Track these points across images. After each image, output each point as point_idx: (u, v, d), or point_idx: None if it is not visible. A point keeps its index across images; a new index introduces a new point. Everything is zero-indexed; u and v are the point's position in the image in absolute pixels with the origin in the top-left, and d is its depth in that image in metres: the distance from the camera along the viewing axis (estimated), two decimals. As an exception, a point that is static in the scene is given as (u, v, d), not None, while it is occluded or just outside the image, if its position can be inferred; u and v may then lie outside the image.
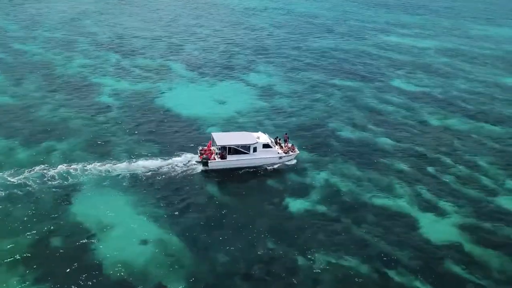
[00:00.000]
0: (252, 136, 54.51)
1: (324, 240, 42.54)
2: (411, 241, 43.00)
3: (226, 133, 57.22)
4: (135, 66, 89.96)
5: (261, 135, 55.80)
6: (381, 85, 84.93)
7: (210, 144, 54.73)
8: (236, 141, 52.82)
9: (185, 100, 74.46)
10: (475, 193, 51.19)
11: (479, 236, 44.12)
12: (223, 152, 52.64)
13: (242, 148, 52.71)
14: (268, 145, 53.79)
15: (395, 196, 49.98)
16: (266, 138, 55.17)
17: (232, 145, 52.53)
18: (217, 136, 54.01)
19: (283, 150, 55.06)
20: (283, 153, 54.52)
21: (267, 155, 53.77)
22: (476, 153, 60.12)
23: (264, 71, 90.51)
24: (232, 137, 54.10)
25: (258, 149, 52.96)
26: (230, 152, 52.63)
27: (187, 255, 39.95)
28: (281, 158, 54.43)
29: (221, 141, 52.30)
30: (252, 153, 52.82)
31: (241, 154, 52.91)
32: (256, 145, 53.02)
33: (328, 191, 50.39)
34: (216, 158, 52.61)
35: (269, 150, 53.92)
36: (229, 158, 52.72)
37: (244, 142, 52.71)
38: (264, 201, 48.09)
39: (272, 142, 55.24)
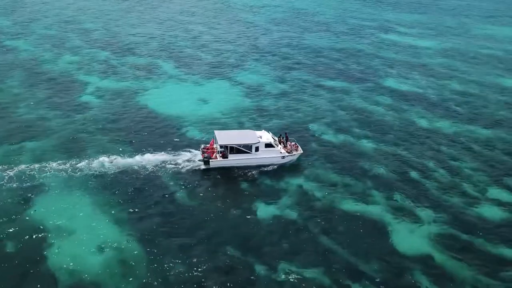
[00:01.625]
0: (255, 135, 53.39)
1: (288, 249, 40.89)
2: (380, 252, 41.15)
3: (228, 131, 56.07)
4: (123, 63, 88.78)
5: (264, 133, 54.69)
6: (372, 86, 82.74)
7: (213, 142, 53.79)
8: (238, 140, 52.08)
9: (168, 99, 73.12)
10: (455, 201, 49.08)
11: (453, 247, 42.11)
12: (224, 151, 51.79)
13: (244, 148, 51.80)
14: (270, 145, 52.79)
15: (370, 202, 48.09)
16: (269, 137, 54.10)
17: (234, 145, 51.63)
18: (219, 135, 53.03)
19: (286, 149, 53.73)
20: (286, 153, 53.38)
21: (269, 154, 52.78)
22: (461, 158, 57.87)
23: (254, 70, 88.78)
24: (234, 136, 53.31)
25: (260, 149, 52.18)
26: (232, 151, 51.76)
27: (143, 262, 38.62)
28: (284, 158, 53.36)
29: (223, 140, 51.63)
30: (254, 152, 52.05)
31: (243, 154, 52.05)
32: (258, 145, 52.12)
33: (301, 196, 48.70)
34: (217, 157, 51.81)
35: (272, 149, 52.92)
36: (230, 157, 51.94)
37: (246, 141, 51.88)
38: (233, 205, 46.54)
39: (275, 141, 54.10)
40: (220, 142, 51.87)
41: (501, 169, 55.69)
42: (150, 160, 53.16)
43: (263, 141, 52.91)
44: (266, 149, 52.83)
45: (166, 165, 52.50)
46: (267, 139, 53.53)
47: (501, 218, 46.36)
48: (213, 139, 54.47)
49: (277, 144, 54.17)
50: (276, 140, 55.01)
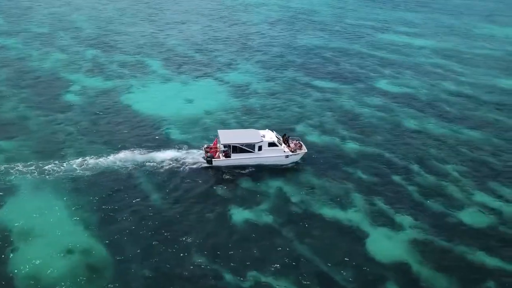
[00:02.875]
0: (258, 134, 52.70)
1: (259, 256, 39.58)
2: (355, 259, 39.73)
3: (232, 131, 55.61)
4: (111, 62, 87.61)
5: (267, 133, 53.94)
6: (362, 86, 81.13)
7: (216, 141, 53.25)
8: (241, 139, 51.57)
9: (153, 98, 71.90)
10: (438, 206, 47.56)
11: (431, 255, 40.66)
12: (227, 151, 51.20)
13: (247, 147, 51.23)
14: (274, 144, 52.02)
15: (349, 207, 46.66)
16: (273, 136, 53.24)
17: (237, 144, 50.94)
18: (222, 134, 52.48)
19: (290, 148, 52.84)
20: (289, 152, 52.50)
21: (272, 154, 52.22)
22: (448, 161, 56.27)
23: (244, 69, 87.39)
24: (237, 135, 52.85)
25: (263, 148, 51.63)
26: (236, 151, 51.21)
27: (109, 267, 37.59)
28: (288, 157, 52.57)
29: (225, 139, 51.24)
30: (257, 151, 51.53)
31: (246, 153, 51.52)
32: (261, 144, 51.45)
33: (279, 200, 47.34)
34: (220, 156, 51.33)
35: (275, 149, 52.21)
36: (233, 156, 51.45)
37: (249, 140, 51.30)
38: (209, 209, 45.27)
39: (279, 140, 53.20)
40: (222, 141, 51.34)
41: (488, 172, 54.09)
42: (128, 161, 52.08)
43: (266, 140, 52.19)
44: (269, 148, 52.18)
45: (144, 166, 51.37)
46: (270, 138, 52.74)
47: (483, 224, 44.86)
48: (216, 138, 53.78)
49: (280, 143, 53.23)
50: (280, 139, 54.07)
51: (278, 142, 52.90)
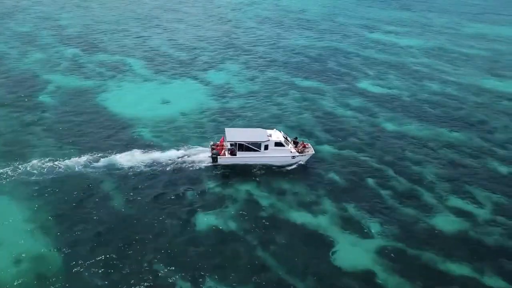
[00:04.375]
0: (265, 134, 52.23)
1: (219, 264, 38.23)
2: (319, 267, 38.38)
3: (238, 129, 55.25)
4: (90, 61, 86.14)
5: (274, 132, 53.33)
6: (346, 87, 79.74)
7: (223, 139, 52.76)
8: (248, 137, 51.29)
9: (130, 99, 70.54)
10: (410, 211, 46.18)
11: (399, 263, 39.30)
12: (233, 149, 50.74)
13: (253, 145, 50.71)
14: (280, 144, 51.40)
15: (319, 212, 45.28)
16: (280, 136, 52.65)
17: (242, 142, 50.56)
18: (229, 132, 52.22)
19: (297, 149, 52.21)
20: (296, 153, 51.74)
21: (279, 154, 51.68)
22: (425, 164, 54.91)
23: (226, 69, 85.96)
24: (244, 133, 52.50)
25: (269, 147, 51.14)
26: (241, 149, 50.80)
27: (62, 275, 36.23)
28: (294, 157, 51.98)
29: (231, 137, 51.07)
30: (263, 151, 51.06)
31: (252, 152, 51.13)
32: (267, 143, 51.01)
33: (246, 205, 45.98)
34: (226, 154, 50.94)
35: (282, 148, 51.58)
36: (239, 154, 51.11)
37: (255, 139, 50.96)
38: (172, 214, 43.85)
39: (286, 140, 52.64)
40: (228, 139, 50.99)
41: (465, 176, 52.76)
42: (95, 163, 50.75)
43: (273, 139, 51.53)
44: (275, 147, 51.52)
45: (111, 169, 49.96)
46: (277, 137, 52.10)
47: (454, 230, 43.51)
48: (223, 136, 53.19)
49: (287, 143, 52.37)
50: (288, 139, 53.42)
51: (285, 142, 52.12)
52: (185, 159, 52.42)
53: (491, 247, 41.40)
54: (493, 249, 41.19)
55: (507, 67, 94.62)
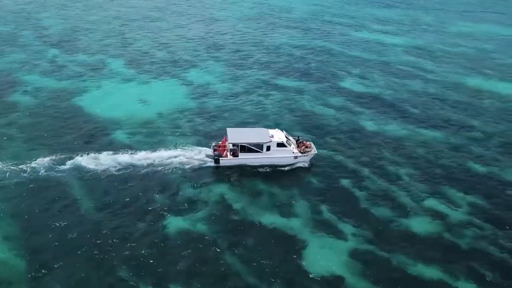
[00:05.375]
0: (267, 134, 51.84)
1: (186, 269, 37.60)
2: (288, 271, 37.82)
3: (241, 129, 55.20)
4: (70, 62, 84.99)
5: (277, 132, 53.02)
6: (328, 86, 79.09)
7: (225, 140, 52.33)
8: (250, 138, 51.02)
9: (106, 99, 69.59)
10: (384, 212, 45.65)
11: (370, 266, 38.81)
12: (235, 150, 50.38)
13: (255, 147, 50.35)
14: (282, 144, 51.06)
15: (291, 215, 44.71)
16: (282, 136, 52.39)
17: (244, 143, 50.06)
18: (231, 133, 51.70)
19: (299, 149, 51.93)
20: (299, 153, 51.21)
21: (281, 154, 51.38)
22: (402, 164, 54.40)
23: (208, 69, 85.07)
24: (246, 134, 52.31)
25: (271, 148, 50.82)
26: (244, 150, 50.49)
27: (23, 282, 35.12)
28: (297, 158, 51.63)
29: (233, 138, 50.73)
30: (265, 151, 50.71)
31: (254, 153, 50.78)
32: (269, 144, 50.51)
33: (218, 207, 45.38)
34: (228, 155, 50.52)
35: (284, 149, 50.99)
36: (241, 156, 50.91)
37: (257, 140, 50.56)
38: (139, 218, 43.30)
39: (288, 141, 52.39)
40: (230, 140, 50.49)
41: (441, 176, 52.33)
42: (63, 167, 49.97)
43: (275, 140, 51.14)
44: (278, 148, 51.18)
45: (80, 172, 49.11)
46: (279, 138, 51.69)
47: (427, 232, 43.05)
48: (225, 137, 52.50)
49: (290, 144, 51.92)
50: (290, 140, 52.99)
51: (287, 143, 51.61)
52: (160, 161, 51.65)
53: (464, 250, 40.97)
54: (466, 251, 40.78)
55: (491, 65, 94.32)
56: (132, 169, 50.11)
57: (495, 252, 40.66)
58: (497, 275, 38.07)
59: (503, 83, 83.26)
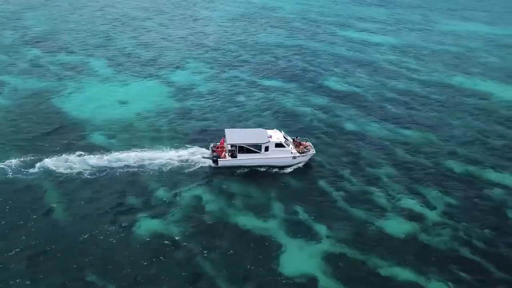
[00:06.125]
0: (265, 135, 51.73)
1: (155, 274, 36.93)
2: (261, 274, 37.37)
3: (239, 130, 54.76)
4: (51, 62, 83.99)
5: (275, 133, 52.89)
6: (310, 86, 78.72)
7: (223, 141, 52.16)
8: (248, 139, 50.83)
9: (86, 100, 68.74)
10: (361, 213, 45.32)
11: (343, 268, 38.48)
12: (233, 151, 50.41)
13: (253, 147, 50.32)
14: (281, 145, 50.87)
15: (267, 216, 44.28)
16: (280, 136, 52.26)
17: (243, 144, 50.06)
18: (229, 133, 51.60)
19: (297, 149, 51.86)
20: (297, 153, 51.10)
21: (279, 155, 51.27)
22: (380, 165, 54.10)
23: (190, 69, 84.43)
24: (244, 135, 52.07)
25: (270, 148, 50.72)
26: (242, 151, 50.38)
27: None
28: (295, 158, 51.36)
29: (232, 139, 50.58)
30: (263, 152, 50.61)
31: (252, 153, 50.71)
32: (268, 144, 50.49)
33: (193, 209, 44.99)
34: (226, 156, 50.47)
35: (282, 149, 51.09)
36: (239, 156, 50.82)
37: (255, 141, 50.44)
38: (109, 221, 42.59)
39: (287, 141, 52.22)
40: (229, 141, 50.29)
41: (420, 176, 52.07)
42: (34, 169, 49.08)
43: (273, 140, 50.96)
44: (276, 149, 51.05)
45: (53, 174, 48.38)
46: (277, 138, 51.54)
47: (403, 233, 42.73)
48: (223, 138, 52.28)
49: (288, 144, 51.75)
50: (288, 140, 52.75)
51: (286, 143, 51.44)
52: (136, 163, 51.05)
53: (438, 251, 40.71)
54: (440, 252, 40.52)
55: (475, 64, 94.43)
56: (106, 171, 49.45)
57: (469, 253, 40.47)
58: (469, 276, 37.84)
59: (486, 82, 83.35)
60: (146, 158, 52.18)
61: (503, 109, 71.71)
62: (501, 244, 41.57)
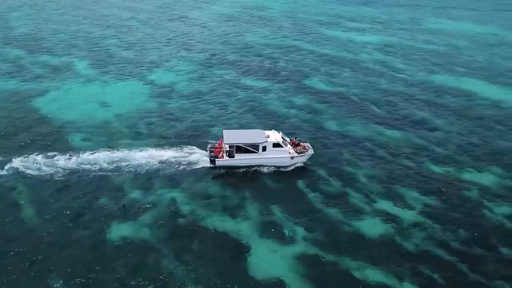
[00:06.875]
0: (263, 135, 51.68)
1: (124, 277, 36.24)
2: (232, 276, 36.99)
3: (237, 131, 55.02)
4: (33, 63, 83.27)
5: (273, 133, 52.81)
6: (294, 85, 78.30)
7: (222, 141, 52.03)
8: (245, 139, 50.86)
9: (67, 101, 68.12)
10: (337, 214, 44.91)
11: (315, 270, 38.08)
12: (231, 151, 50.46)
13: (251, 147, 50.34)
14: (278, 145, 50.74)
15: (242, 217, 43.88)
16: (278, 136, 52.13)
17: (240, 144, 50.16)
18: (227, 134, 51.62)
19: (296, 149, 51.79)
20: (295, 153, 51.09)
21: (277, 155, 51.29)
22: (360, 165, 53.71)
23: (174, 69, 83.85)
24: (242, 135, 52.15)
25: (267, 148, 50.77)
26: (240, 151, 50.36)
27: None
28: (293, 158, 51.38)
29: (229, 139, 50.52)
30: (261, 152, 50.66)
31: (250, 153, 50.75)
32: (265, 144, 50.51)
33: (167, 211, 44.31)
34: (224, 156, 50.41)
35: (280, 149, 51.10)
36: (237, 156, 50.83)
37: (252, 140, 50.37)
38: (83, 224, 42.01)
39: (285, 141, 51.98)
40: (226, 141, 50.25)
41: (399, 176, 51.67)
42: (4, 171, 48.37)
43: (271, 140, 50.87)
44: (273, 149, 51.02)
45: (25, 176, 47.84)
46: (275, 138, 51.45)
47: (378, 235, 42.31)
48: (221, 138, 52.12)
49: (286, 144, 51.56)
50: (286, 140, 52.54)
51: (283, 143, 51.30)
52: (112, 165, 50.42)
53: (412, 252, 40.33)
54: (414, 254, 40.14)
55: (461, 62, 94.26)
56: (79, 172, 48.96)
57: (443, 254, 40.09)
58: (442, 278, 37.46)
59: (470, 81, 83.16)
60: (122, 159, 51.65)
61: (485, 108, 71.52)
62: (475, 244, 41.26)
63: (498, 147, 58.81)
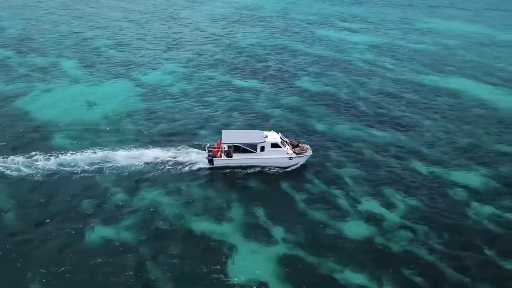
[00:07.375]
0: (261, 135, 51.68)
1: (101, 281, 35.78)
2: (211, 279, 36.51)
3: (235, 131, 55.56)
4: (21, 64, 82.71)
5: (271, 134, 52.67)
6: (283, 86, 78.00)
7: (220, 141, 51.83)
8: (243, 139, 50.89)
9: (52, 102, 67.67)
10: (321, 216, 44.55)
11: (296, 272, 37.62)
12: (229, 151, 50.43)
13: (249, 147, 50.14)
14: (277, 145, 50.43)
15: (224, 219, 43.49)
16: (277, 137, 52.04)
17: (238, 143, 50.09)
18: (225, 134, 51.76)
19: (294, 150, 51.57)
20: (293, 154, 50.99)
21: (275, 155, 51.13)
22: (346, 166, 53.41)
23: (163, 69, 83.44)
24: (240, 135, 52.28)
25: (266, 149, 50.63)
26: (238, 151, 50.31)
27: None
28: (292, 159, 51.30)
29: (228, 139, 50.59)
30: (259, 152, 50.55)
31: (248, 153, 50.64)
32: (263, 144, 50.35)
33: (148, 213, 43.76)
34: (222, 156, 50.35)
35: (278, 150, 50.87)
36: (235, 156, 50.74)
37: (251, 140, 50.41)
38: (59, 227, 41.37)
39: (284, 142, 51.77)
40: (224, 141, 50.18)
41: (385, 178, 51.38)
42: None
43: (269, 141, 50.69)
44: (272, 149, 50.82)
45: (5, 176, 47.28)
46: (273, 139, 51.27)
47: (362, 236, 41.96)
48: (220, 138, 51.98)
49: (284, 145, 51.37)
50: (285, 141, 52.40)
51: (282, 144, 51.15)
52: (95, 165, 49.96)
53: (394, 254, 40.00)
54: (397, 256, 39.78)
55: (452, 62, 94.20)
56: (61, 173, 48.51)
57: (426, 255, 39.79)
58: (424, 280, 37.18)
59: (460, 81, 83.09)
60: (106, 160, 51.21)
61: (474, 108, 71.43)
62: (458, 245, 41.02)
63: (486, 148, 58.63)
